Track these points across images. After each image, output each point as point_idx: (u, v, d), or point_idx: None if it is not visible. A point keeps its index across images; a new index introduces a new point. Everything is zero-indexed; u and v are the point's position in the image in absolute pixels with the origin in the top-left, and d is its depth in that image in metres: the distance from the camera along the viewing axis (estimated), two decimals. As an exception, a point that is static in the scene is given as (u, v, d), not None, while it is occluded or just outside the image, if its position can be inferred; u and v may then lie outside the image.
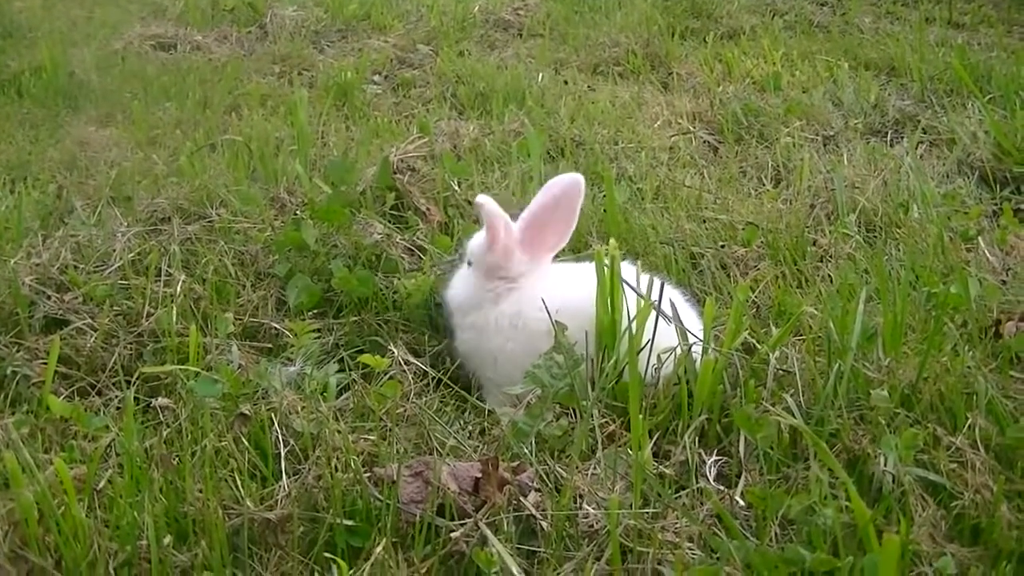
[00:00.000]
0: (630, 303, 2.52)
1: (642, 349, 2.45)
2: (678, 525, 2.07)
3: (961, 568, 2.00)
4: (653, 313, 2.51)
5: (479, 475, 2.13)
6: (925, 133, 4.63)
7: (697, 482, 2.24)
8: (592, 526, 2.08)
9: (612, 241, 2.64)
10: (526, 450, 2.28)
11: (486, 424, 2.50)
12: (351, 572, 1.95)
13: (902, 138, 4.61)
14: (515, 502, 2.08)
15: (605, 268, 2.51)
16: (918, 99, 5.13)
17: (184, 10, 6.93)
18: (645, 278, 2.57)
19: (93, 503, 2.11)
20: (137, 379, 2.64)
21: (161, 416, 2.47)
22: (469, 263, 2.84)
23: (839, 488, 2.08)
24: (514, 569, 1.86)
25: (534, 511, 2.05)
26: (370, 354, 2.61)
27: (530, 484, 2.13)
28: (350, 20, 6.72)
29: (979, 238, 3.43)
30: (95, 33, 6.38)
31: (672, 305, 2.56)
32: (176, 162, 4.02)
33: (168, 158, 4.13)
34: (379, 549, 1.97)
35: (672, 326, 2.53)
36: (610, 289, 2.51)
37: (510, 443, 2.29)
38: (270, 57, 5.95)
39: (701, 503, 2.17)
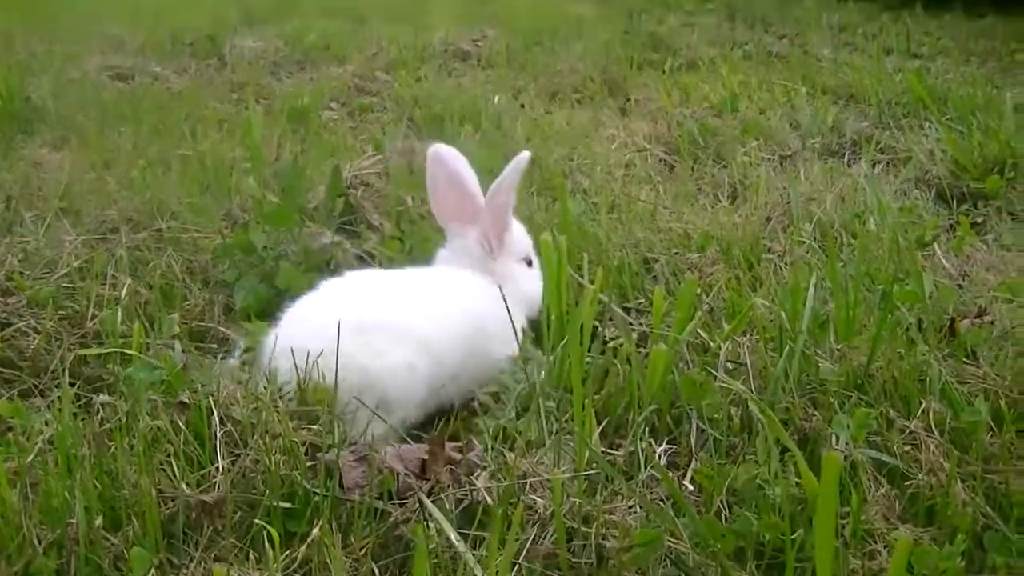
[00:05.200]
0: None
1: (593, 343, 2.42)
2: (624, 506, 2.02)
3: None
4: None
5: (426, 456, 2.07)
6: (882, 152, 4.64)
7: (646, 470, 2.18)
8: (536, 511, 2.02)
9: (562, 237, 2.61)
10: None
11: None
12: (286, 552, 1.89)
13: (859, 159, 4.61)
14: (462, 481, 2.03)
15: (552, 259, 2.48)
16: (875, 121, 5.15)
17: (144, 43, 6.91)
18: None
19: (26, 490, 2.04)
20: (77, 372, 2.59)
21: (103, 411, 2.40)
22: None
23: (789, 463, 2.04)
24: (453, 536, 1.80)
25: (481, 487, 1.99)
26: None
27: (478, 463, 2.07)
28: (309, 50, 6.73)
29: (935, 244, 3.41)
30: (54, 64, 6.34)
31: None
32: (128, 178, 3.96)
33: (120, 176, 4.07)
34: (315, 531, 1.91)
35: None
36: (557, 280, 2.49)
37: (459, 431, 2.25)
38: (228, 85, 5.93)
39: (651, 490, 2.12)
